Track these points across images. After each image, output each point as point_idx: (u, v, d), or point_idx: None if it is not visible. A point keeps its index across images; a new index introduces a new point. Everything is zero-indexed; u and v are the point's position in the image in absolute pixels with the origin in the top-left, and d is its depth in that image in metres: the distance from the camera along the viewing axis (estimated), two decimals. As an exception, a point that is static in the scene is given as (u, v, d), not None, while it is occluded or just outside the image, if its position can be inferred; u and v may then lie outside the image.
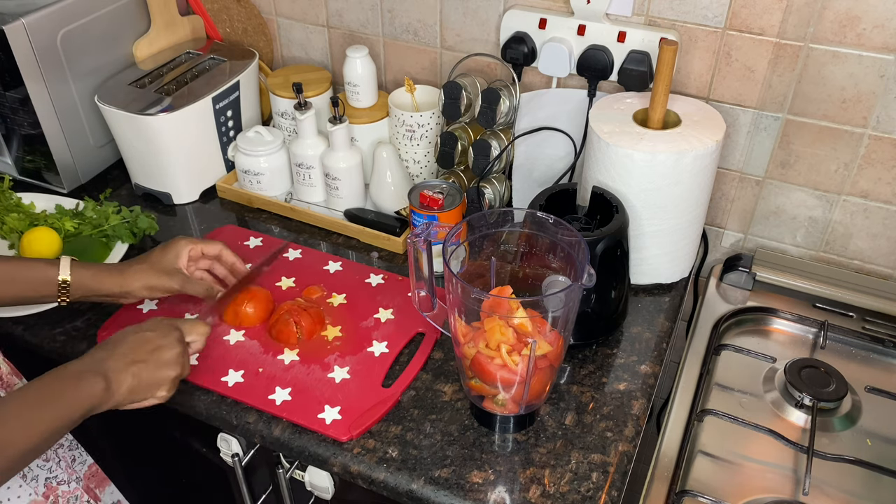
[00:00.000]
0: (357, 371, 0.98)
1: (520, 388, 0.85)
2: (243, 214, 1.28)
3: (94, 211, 1.19)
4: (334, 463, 0.89)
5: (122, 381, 0.82)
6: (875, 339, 1.09)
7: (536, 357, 0.82)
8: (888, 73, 1.00)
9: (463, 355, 0.86)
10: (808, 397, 0.98)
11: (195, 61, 1.33)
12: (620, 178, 1.01)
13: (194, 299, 1.08)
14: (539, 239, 0.90)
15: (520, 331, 0.82)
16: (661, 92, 1.01)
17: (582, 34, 1.13)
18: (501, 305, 0.83)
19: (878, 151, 1.07)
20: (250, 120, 1.36)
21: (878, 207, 1.11)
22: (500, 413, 0.89)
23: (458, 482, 0.86)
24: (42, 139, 1.24)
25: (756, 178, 1.16)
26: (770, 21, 1.03)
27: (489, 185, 1.20)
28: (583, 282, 0.80)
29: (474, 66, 1.26)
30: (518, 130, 1.20)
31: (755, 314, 1.15)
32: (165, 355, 0.86)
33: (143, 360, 0.84)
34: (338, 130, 1.17)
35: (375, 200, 1.24)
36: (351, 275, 1.13)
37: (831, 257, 1.19)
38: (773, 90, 1.08)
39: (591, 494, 0.85)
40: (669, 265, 1.11)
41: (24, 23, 1.13)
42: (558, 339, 0.84)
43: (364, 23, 1.31)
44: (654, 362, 1.01)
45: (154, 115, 1.19)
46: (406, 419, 0.93)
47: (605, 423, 0.93)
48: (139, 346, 0.85)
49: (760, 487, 0.91)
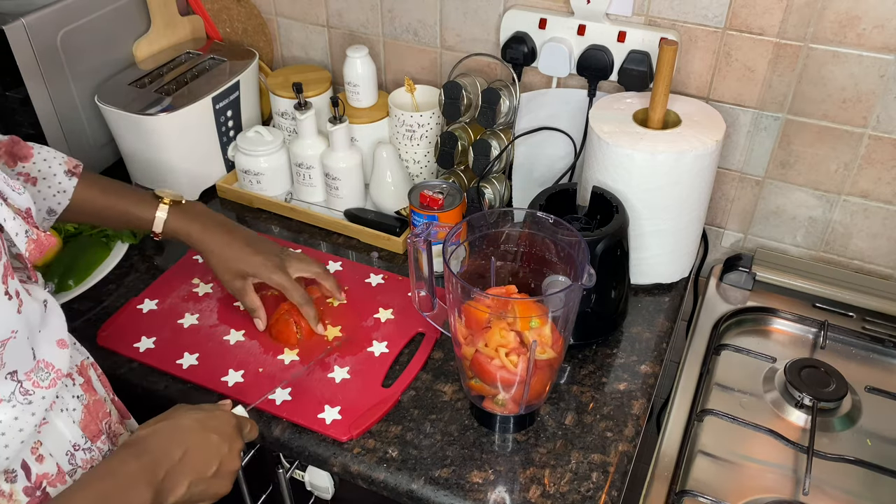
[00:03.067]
0: (357, 371, 0.98)
1: (520, 389, 0.85)
2: (243, 214, 1.28)
3: (94, 211, 1.19)
4: (334, 463, 0.89)
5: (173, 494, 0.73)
6: (875, 339, 1.09)
7: (536, 357, 0.82)
8: (888, 73, 1.00)
9: (463, 356, 0.86)
10: (808, 397, 0.98)
11: (195, 61, 1.33)
12: (620, 178, 1.01)
13: (195, 298, 1.08)
14: (539, 239, 0.90)
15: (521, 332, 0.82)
16: (661, 92, 1.01)
17: (582, 34, 1.13)
18: (506, 306, 0.83)
19: (878, 151, 1.07)
20: (250, 120, 1.36)
21: (878, 207, 1.11)
22: (500, 413, 0.89)
23: (458, 482, 0.86)
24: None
25: (756, 178, 1.16)
26: (770, 21, 1.03)
27: (489, 185, 1.20)
28: (583, 282, 0.80)
29: (474, 66, 1.26)
30: (518, 130, 1.20)
31: (755, 314, 1.15)
32: (226, 468, 0.78)
33: (202, 476, 0.76)
34: (338, 130, 1.17)
35: (375, 200, 1.24)
36: (351, 275, 1.13)
37: (831, 257, 1.19)
38: (773, 90, 1.08)
39: (591, 494, 0.85)
40: (669, 265, 1.11)
41: (24, 23, 1.13)
42: (558, 339, 0.84)
43: (364, 23, 1.31)
44: (654, 362, 1.01)
45: (154, 115, 1.19)
46: (406, 419, 0.93)
47: (605, 423, 0.93)
48: (203, 459, 0.76)
49: (760, 487, 0.91)
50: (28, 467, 0.68)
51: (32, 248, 0.66)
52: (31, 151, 0.94)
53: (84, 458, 0.74)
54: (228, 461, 0.79)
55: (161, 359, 1.00)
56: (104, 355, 1.01)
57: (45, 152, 0.95)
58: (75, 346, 0.80)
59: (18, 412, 0.65)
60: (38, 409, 0.67)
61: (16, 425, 0.65)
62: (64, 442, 0.72)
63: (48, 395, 0.68)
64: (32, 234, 0.66)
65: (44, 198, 0.94)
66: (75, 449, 0.73)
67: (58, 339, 0.71)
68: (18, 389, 0.65)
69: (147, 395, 0.97)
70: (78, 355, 0.79)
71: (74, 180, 0.96)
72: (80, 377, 0.77)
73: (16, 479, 0.67)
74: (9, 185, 0.66)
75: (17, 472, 0.67)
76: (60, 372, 0.69)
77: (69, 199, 0.96)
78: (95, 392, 0.79)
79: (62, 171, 0.95)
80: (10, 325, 0.63)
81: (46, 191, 0.94)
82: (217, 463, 0.77)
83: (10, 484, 0.67)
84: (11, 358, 0.64)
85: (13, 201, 0.66)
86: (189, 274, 1.13)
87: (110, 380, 0.85)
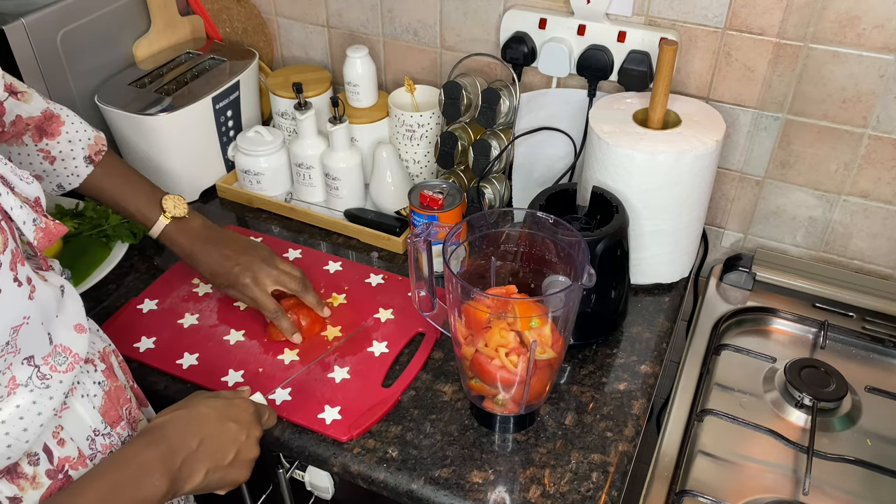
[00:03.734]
0: (357, 371, 0.98)
1: (520, 389, 0.85)
2: (243, 214, 1.28)
3: (94, 211, 1.19)
4: (334, 463, 0.89)
5: (191, 481, 0.74)
6: (875, 339, 1.09)
7: (536, 357, 0.82)
8: (888, 73, 1.00)
9: (463, 356, 0.86)
10: (808, 397, 0.98)
11: (195, 61, 1.33)
12: (620, 178, 1.01)
13: (195, 298, 1.08)
14: (539, 239, 0.90)
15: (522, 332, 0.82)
16: (661, 92, 1.01)
17: (582, 34, 1.13)
18: (506, 306, 0.83)
19: (878, 151, 1.07)
20: (250, 120, 1.36)
21: (878, 207, 1.11)
22: (500, 413, 0.89)
23: (458, 482, 0.86)
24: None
25: (756, 178, 1.16)
26: (770, 21, 1.03)
27: (489, 185, 1.19)
28: (583, 282, 0.80)
29: (474, 66, 1.26)
30: (518, 130, 1.20)
31: (755, 314, 1.15)
32: (244, 456, 0.79)
33: (220, 464, 0.76)
34: (338, 130, 1.17)
35: (375, 200, 1.24)
36: (351, 275, 1.13)
37: (831, 257, 1.19)
38: (773, 90, 1.08)
39: (591, 494, 0.85)
40: (669, 265, 1.11)
41: (24, 23, 1.13)
42: (558, 339, 0.84)
43: (364, 23, 1.31)
44: (654, 362, 1.01)
45: (154, 115, 1.19)
46: (406, 419, 0.93)
47: (605, 423, 0.93)
48: (221, 448, 0.77)
49: (760, 487, 0.91)
50: (50, 451, 0.69)
51: (41, 236, 0.67)
52: (61, 129, 0.96)
53: (104, 443, 0.74)
54: (246, 449, 0.79)
55: (161, 359, 1.00)
56: (104, 355, 1.01)
57: (73, 131, 0.98)
58: (98, 333, 0.81)
59: (36, 396, 0.66)
60: (57, 394, 0.67)
61: (34, 409, 0.66)
62: (84, 427, 0.73)
63: (66, 379, 0.68)
64: (41, 222, 0.67)
65: (57, 175, 0.98)
66: (95, 434, 0.74)
67: (75, 324, 0.71)
68: (36, 374, 0.66)
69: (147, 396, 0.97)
70: (100, 342, 0.80)
71: (90, 168, 0.99)
72: (101, 363, 0.77)
73: (38, 462, 0.68)
74: (17, 175, 0.67)
75: (39, 455, 0.68)
76: (78, 356, 0.70)
77: (80, 182, 0.99)
78: (117, 378, 0.79)
79: (82, 157, 0.98)
80: (22, 311, 0.63)
81: (62, 170, 0.98)
82: (234, 451, 0.78)
83: (34, 467, 0.68)
84: (26, 343, 0.64)
85: (21, 190, 0.67)
86: (189, 274, 1.13)
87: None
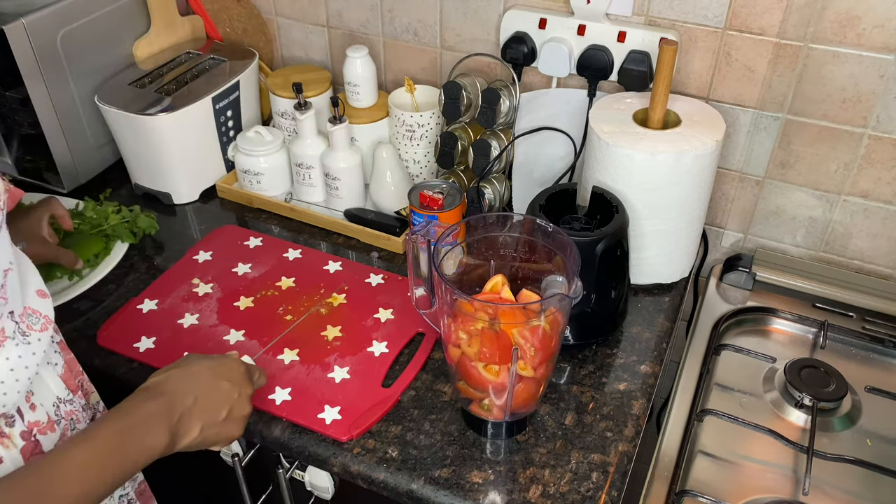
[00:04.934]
0: (357, 371, 0.98)
1: (503, 398, 0.84)
2: (243, 214, 1.28)
3: (94, 211, 1.19)
4: (334, 463, 0.89)
5: (187, 436, 0.76)
6: (875, 339, 1.09)
7: (518, 372, 0.82)
8: (888, 73, 1.00)
9: (450, 357, 0.86)
10: (808, 397, 0.98)
11: (195, 61, 1.33)
12: (620, 177, 1.01)
13: (195, 298, 1.08)
14: (537, 242, 0.90)
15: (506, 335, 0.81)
16: (661, 92, 1.01)
17: (582, 34, 1.13)
18: (492, 311, 0.82)
19: (878, 151, 1.07)
20: (250, 120, 1.36)
21: (878, 207, 1.11)
22: (487, 418, 0.88)
23: (458, 482, 0.86)
24: (42, 139, 1.23)
25: (756, 178, 1.16)
26: (770, 21, 1.03)
27: (489, 185, 1.19)
28: (570, 293, 0.79)
29: (474, 66, 1.26)
30: (518, 130, 1.20)
31: (755, 314, 1.15)
32: (237, 413, 0.81)
33: (214, 420, 0.78)
34: (338, 130, 1.17)
35: (375, 200, 1.24)
36: (351, 275, 1.13)
37: (831, 257, 1.19)
38: (773, 90, 1.08)
39: (591, 494, 0.85)
40: (669, 265, 1.11)
41: (24, 23, 1.13)
42: (546, 354, 0.83)
43: (364, 23, 1.31)
44: (654, 362, 1.01)
45: (154, 115, 1.19)
46: (406, 419, 0.93)
47: (605, 423, 0.93)
48: (214, 404, 0.79)
49: (760, 487, 0.91)
50: (22, 414, 0.71)
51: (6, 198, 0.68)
52: None
53: (66, 409, 0.77)
54: (239, 406, 0.81)
55: (161, 359, 1.00)
56: (104, 355, 1.01)
57: None
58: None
59: (22, 351, 0.68)
60: (38, 351, 0.70)
61: (21, 363, 0.67)
62: (50, 393, 0.75)
63: (43, 337, 0.71)
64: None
65: None
66: (59, 401, 0.76)
67: (37, 290, 0.74)
68: (18, 330, 0.68)
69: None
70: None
71: None
72: (57, 336, 0.79)
73: (13, 423, 0.70)
74: None
75: (14, 417, 0.70)
76: (49, 318, 0.72)
77: None
78: (69, 352, 0.82)
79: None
80: (8, 256, 0.65)
81: None
82: (228, 408, 0.80)
83: (10, 428, 0.70)
84: (12, 294, 0.66)
85: None
86: (189, 274, 1.13)
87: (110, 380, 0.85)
